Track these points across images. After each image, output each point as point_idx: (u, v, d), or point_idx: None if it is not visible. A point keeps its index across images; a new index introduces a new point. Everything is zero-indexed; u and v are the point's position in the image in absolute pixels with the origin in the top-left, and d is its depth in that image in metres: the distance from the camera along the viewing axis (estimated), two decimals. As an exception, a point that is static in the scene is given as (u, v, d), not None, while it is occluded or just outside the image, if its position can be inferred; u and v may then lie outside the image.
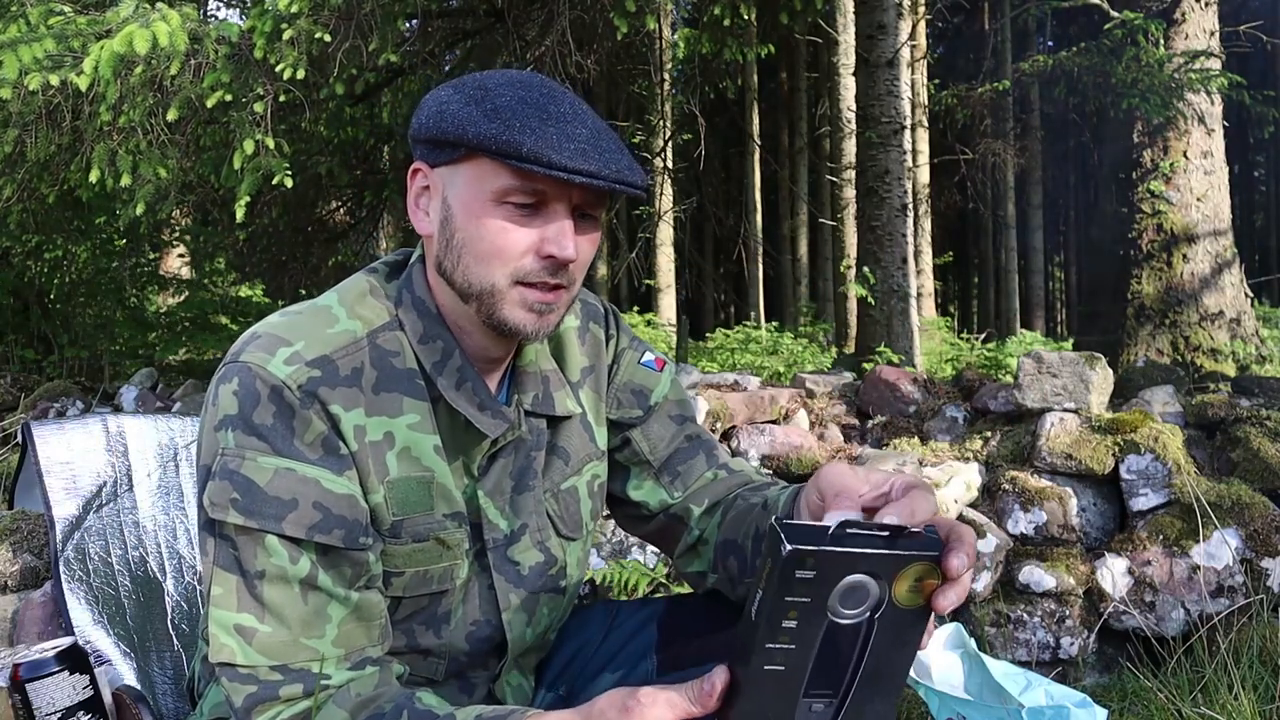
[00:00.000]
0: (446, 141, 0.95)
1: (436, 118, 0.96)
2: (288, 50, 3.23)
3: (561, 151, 0.89)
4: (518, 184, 0.93)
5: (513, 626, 1.10)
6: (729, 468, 1.21)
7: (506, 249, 0.94)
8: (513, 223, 0.94)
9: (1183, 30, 5.10)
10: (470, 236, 0.96)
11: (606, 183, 0.91)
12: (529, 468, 1.09)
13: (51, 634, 1.91)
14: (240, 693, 0.90)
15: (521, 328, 0.97)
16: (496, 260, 0.95)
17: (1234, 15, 9.58)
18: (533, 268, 0.95)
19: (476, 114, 0.92)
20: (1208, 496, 2.41)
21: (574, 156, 0.90)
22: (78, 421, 1.55)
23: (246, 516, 0.90)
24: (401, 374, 1.00)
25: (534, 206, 0.94)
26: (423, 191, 1.01)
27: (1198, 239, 5.08)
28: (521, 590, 1.09)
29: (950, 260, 14.05)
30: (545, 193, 0.93)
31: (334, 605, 0.93)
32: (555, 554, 1.12)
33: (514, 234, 0.94)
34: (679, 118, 7.38)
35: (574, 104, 0.96)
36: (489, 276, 0.96)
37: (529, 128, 0.90)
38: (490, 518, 1.06)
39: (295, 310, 1.02)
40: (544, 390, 1.10)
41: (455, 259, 0.97)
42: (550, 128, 0.91)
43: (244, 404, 0.92)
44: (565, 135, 0.91)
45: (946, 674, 1.80)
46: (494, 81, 0.96)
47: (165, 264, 8.62)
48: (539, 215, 0.95)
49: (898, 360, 4.51)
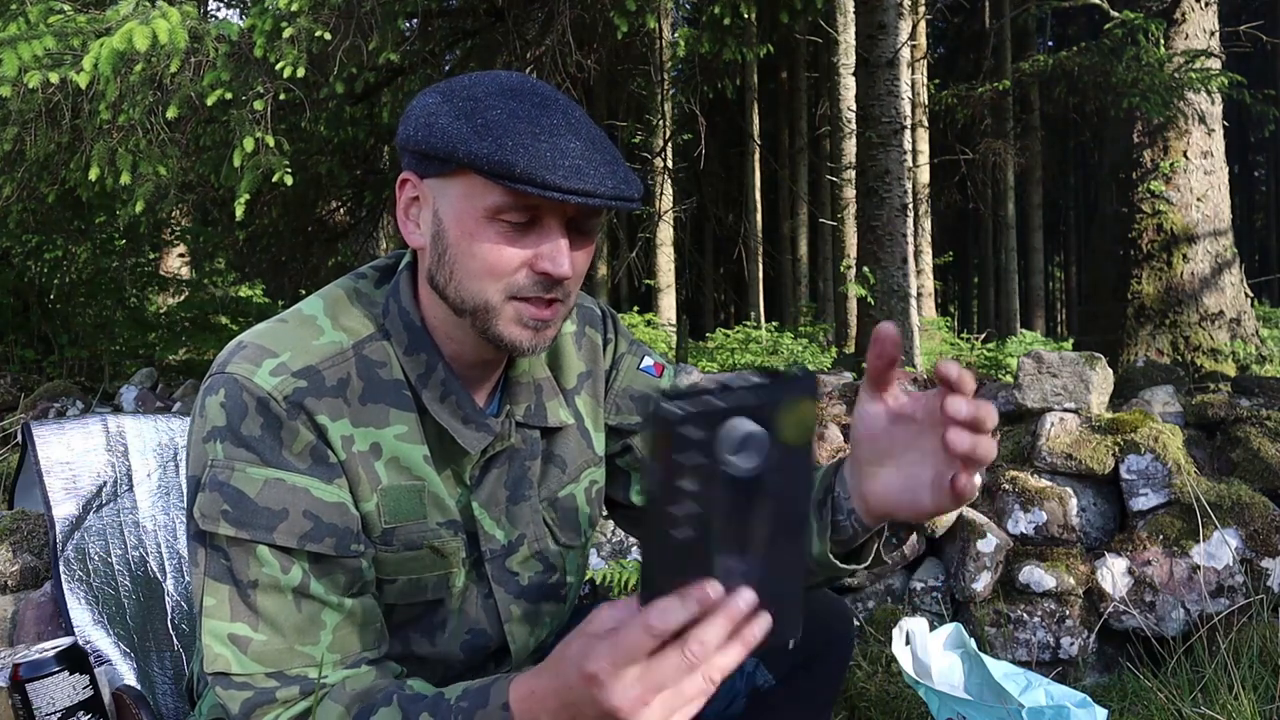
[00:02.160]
0: (436, 156, 0.93)
1: (425, 130, 0.93)
2: (288, 49, 3.22)
3: (555, 171, 0.88)
4: (510, 201, 0.91)
5: (515, 637, 1.09)
6: None
7: (500, 266, 0.93)
8: (506, 239, 0.92)
9: (1183, 30, 5.10)
10: (463, 253, 0.94)
11: (603, 200, 0.90)
12: (524, 477, 1.08)
13: (51, 634, 1.90)
14: (237, 699, 0.91)
15: (518, 344, 0.96)
16: (490, 277, 0.93)
17: (1234, 15, 9.58)
18: (526, 283, 0.94)
19: (467, 130, 0.90)
20: (1208, 496, 2.41)
21: (569, 175, 0.88)
22: (78, 421, 1.55)
23: (238, 528, 0.90)
24: (388, 385, 1.00)
25: (527, 223, 0.93)
26: (412, 202, 0.99)
27: (1198, 239, 5.08)
28: (522, 601, 1.09)
29: (950, 260, 14.04)
30: (539, 209, 0.92)
31: (328, 612, 0.93)
32: (554, 562, 1.12)
33: (508, 251, 0.92)
34: (679, 117, 7.38)
35: (566, 112, 0.94)
36: (483, 293, 0.94)
37: (521, 146, 0.88)
38: (486, 528, 1.05)
39: (281, 319, 1.01)
40: (537, 400, 1.09)
41: (448, 274, 0.96)
42: (543, 143, 0.89)
43: (231, 415, 0.92)
44: (559, 151, 0.89)
45: (946, 674, 1.80)
46: (483, 90, 0.94)
47: (165, 264, 8.62)
48: (533, 232, 0.93)
49: (898, 360, 4.49)
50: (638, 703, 0.68)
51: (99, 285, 7.05)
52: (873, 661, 2.23)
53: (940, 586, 2.45)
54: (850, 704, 2.10)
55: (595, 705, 0.70)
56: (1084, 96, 5.55)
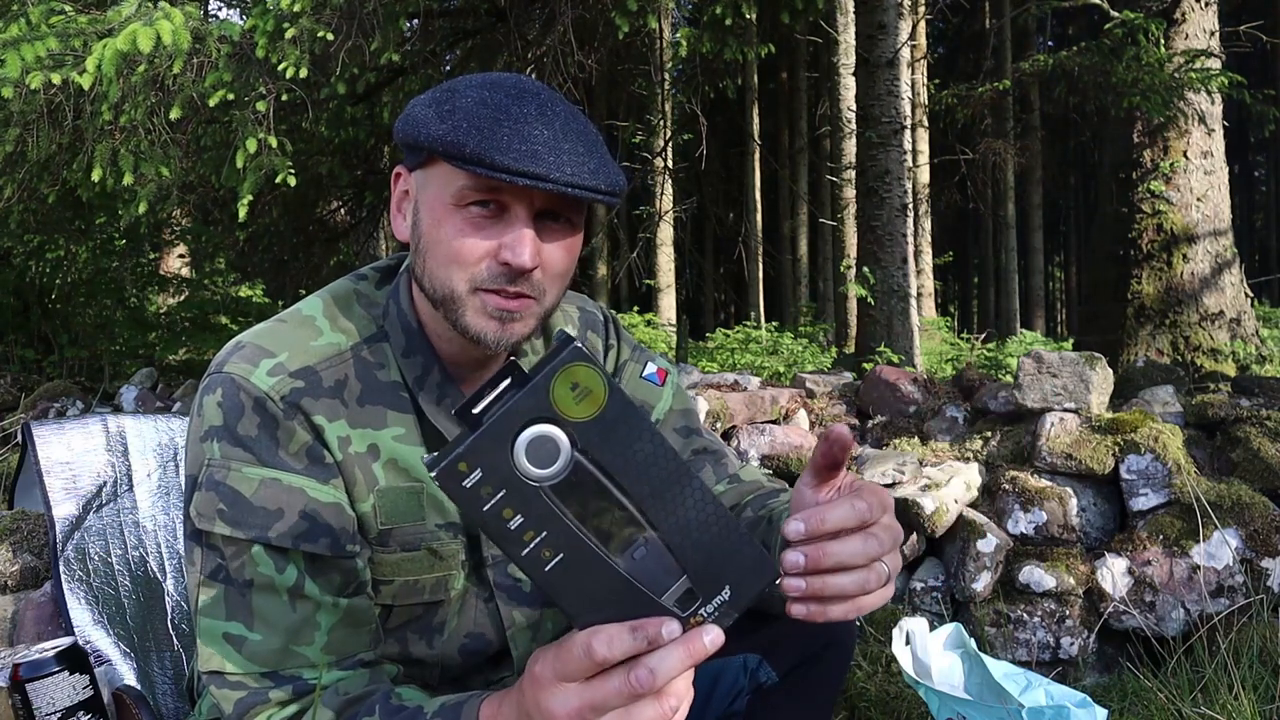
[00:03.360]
0: (411, 144, 0.93)
1: (405, 120, 0.94)
2: (290, 49, 3.23)
3: (508, 153, 0.86)
4: (470, 184, 0.90)
5: (517, 644, 1.09)
6: (737, 477, 1.20)
7: (463, 254, 0.92)
8: (473, 228, 0.91)
9: (1183, 30, 5.10)
10: (433, 241, 0.94)
11: (556, 186, 0.87)
12: None
13: (51, 634, 1.90)
14: (230, 699, 0.90)
15: (482, 335, 0.94)
16: (455, 265, 0.92)
17: (1234, 15, 9.58)
18: (489, 275, 0.92)
19: (432, 115, 0.90)
20: (1208, 496, 2.41)
21: (521, 158, 0.86)
22: (78, 421, 1.55)
23: (233, 527, 0.90)
24: (385, 387, 0.99)
25: (495, 211, 0.91)
26: (404, 196, 1.00)
27: (1198, 239, 5.08)
28: (524, 608, 1.09)
29: (950, 260, 14.05)
30: (504, 197, 0.91)
31: (323, 612, 0.93)
32: None
33: (470, 239, 0.91)
34: (679, 117, 7.38)
35: (544, 105, 0.92)
36: (449, 282, 0.93)
37: (476, 128, 0.87)
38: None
39: (280, 319, 1.01)
40: None
41: (423, 264, 0.95)
42: (503, 129, 0.87)
43: (228, 415, 0.92)
44: (519, 136, 0.87)
45: (946, 674, 1.80)
46: (466, 83, 0.94)
47: (165, 264, 8.62)
48: (500, 221, 0.92)
49: (898, 360, 4.51)
50: (575, 716, 0.66)
51: (99, 285, 7.05)
52: (873, 661, 2.23)
53: (940, 586, 2.45)
54: (850, 704, 2.10)
55: (538, 709, 0.68)
56: (1084, 96, 5.54)
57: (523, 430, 0.62)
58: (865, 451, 2.85)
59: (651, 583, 0.65)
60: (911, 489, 2.53)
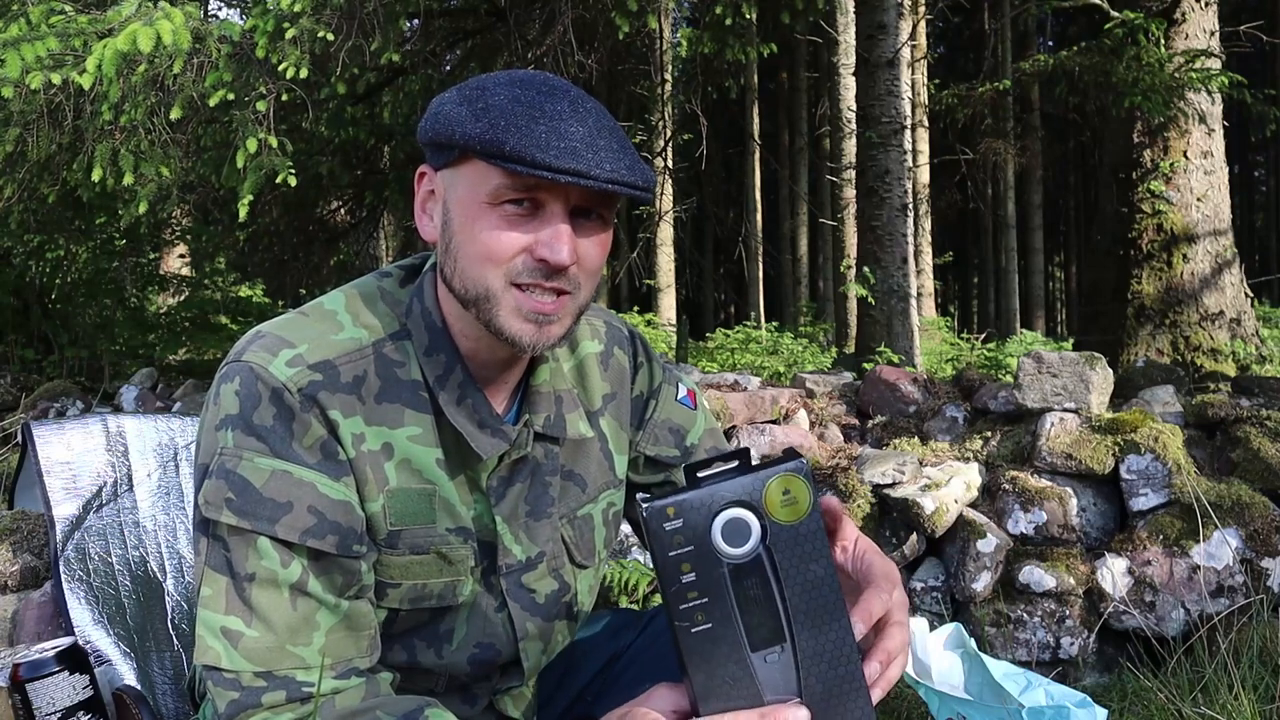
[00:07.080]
0: (442, 144, 0.93)
1: (433, 119, 0.94)
2: (290, 49, 3.22)
3: (548, 150, 0.86)
4: (507, 183, 0.89)
5: (529, 654, 1.09)
6: None
7: (498, 251, 0.91)
8: (508, 225, 0.91)
9: (1183, 30, 5.09)
10: (466, 239, 0.93)
11: (597, 183, 0.87)
12: (545, 494, 1.07)
13: (51, 634, 1.90)
14: (224, 698, 0.90)
15: (519, 338, 0.94)
16: (490, 263, 0.92)
17: (1234, 15, 9.58)
18: (525, 269, 0.92)
19: (466, 114, 0.90)
20: (1208, 496, 2.41)
21: (561, 155, 0.86)
22: (78, 421, 1.55)
23: (240, 517, 0.89)
24: (405, 385, 0.98)
25: (530, 209, 0.91)
26: (429, 196, 0.99)
27: (1198, 239, 5.07)
28: (537, 618, 1.08)
29: (950, 260, 14.05)
30: (540, 194, 0.90)
31: (323, 613, 0.92)
32: (569, 581, 1.11)
33: (506, 236, 0.91)
34: (680, 117, 7.38)
35: (575, 102, 0.92)
36: (484, 279, 0.92)
37: (515, 126, 0.87)
38: (506, 543, 1.04)
39: (301, 312, 1.00)
40: (556, 411, 1.07)
41: (454, 263, 0.95)
42: (540, 126, 0.87)
43: (244, 404, 0.91)
44: (556, 133, 0.87)
45: (946, 674, 1.79)
46: (494, 81, 0.94)
47: (165, 264, 8.61)
48: (535, 218, 0.91)
49: (898, 360, 4.51)
50: None
51: (99, 285, 7.04)
52: (873, 661, 2.23)
53: (940, 586, 2.45)
54: (850, 704, 2.10)
55: None
56: (1084, 96, 5.54)
57: (729, 507, 0.70)
58: (865, 451, 2.85)
59: (770, 689, 0.72)
60: (911, 489, 2.53)
